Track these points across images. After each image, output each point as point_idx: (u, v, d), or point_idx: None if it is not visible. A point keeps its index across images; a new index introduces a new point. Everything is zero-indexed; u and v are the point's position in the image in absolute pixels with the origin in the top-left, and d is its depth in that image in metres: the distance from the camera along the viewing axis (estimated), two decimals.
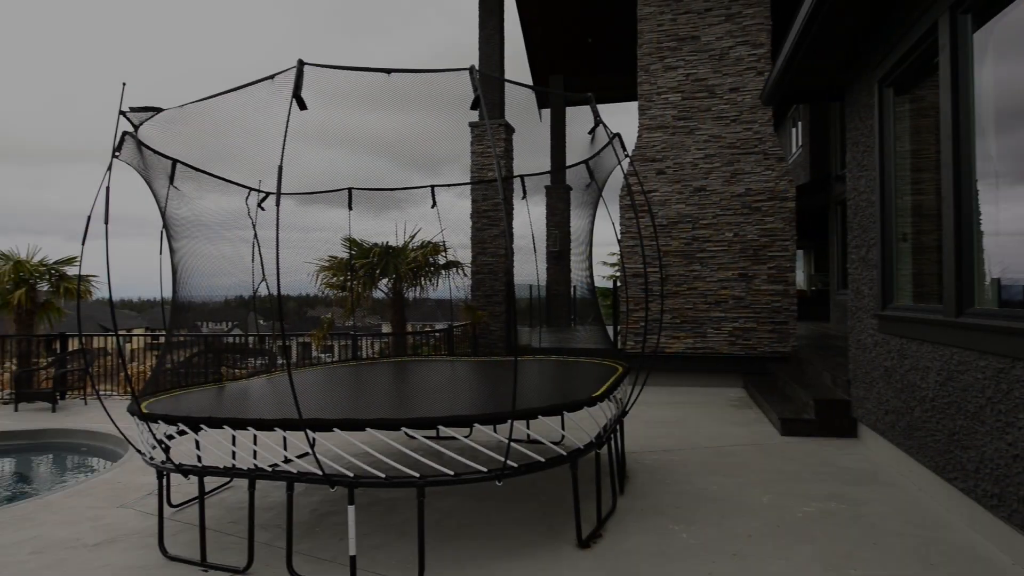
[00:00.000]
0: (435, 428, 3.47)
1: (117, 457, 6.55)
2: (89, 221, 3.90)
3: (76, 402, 9.22)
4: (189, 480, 3.86)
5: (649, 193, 9.94)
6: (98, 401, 8.93)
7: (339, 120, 4.95)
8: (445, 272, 10.31)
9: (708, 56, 9.95)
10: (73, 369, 9.57)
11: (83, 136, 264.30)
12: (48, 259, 11.21)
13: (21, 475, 7.02)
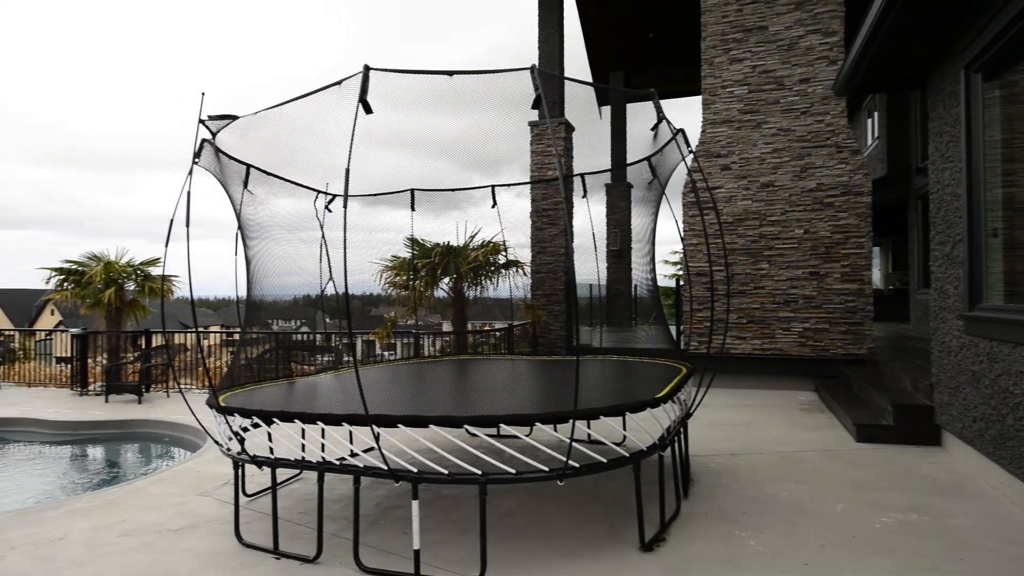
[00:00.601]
0: (497, 426, 3.49)
1: (196, 447, 6.92)
2: (172, 224, 4.13)
3: (159, 395, 9.79)
4: (262, 471, 4.04)
5: (714, 190, 9.68)
6: (179, 394, 9.47)
7: (402, 123, 5.05)
8: (505, 271, 10.36)
9: (776, 47, 9.59)
10: (156, 364, 10.17)
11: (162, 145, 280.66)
12: (134, 260, 11.95)
13: (111, 462, 7.51)
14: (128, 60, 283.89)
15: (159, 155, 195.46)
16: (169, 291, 11.61)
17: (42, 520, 4.36)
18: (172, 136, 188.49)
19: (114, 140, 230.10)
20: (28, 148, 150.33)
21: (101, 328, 11.43)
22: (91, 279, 11.31)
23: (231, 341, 14.08)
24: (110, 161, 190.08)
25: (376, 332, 10.36)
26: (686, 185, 9.73)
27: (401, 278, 10.05)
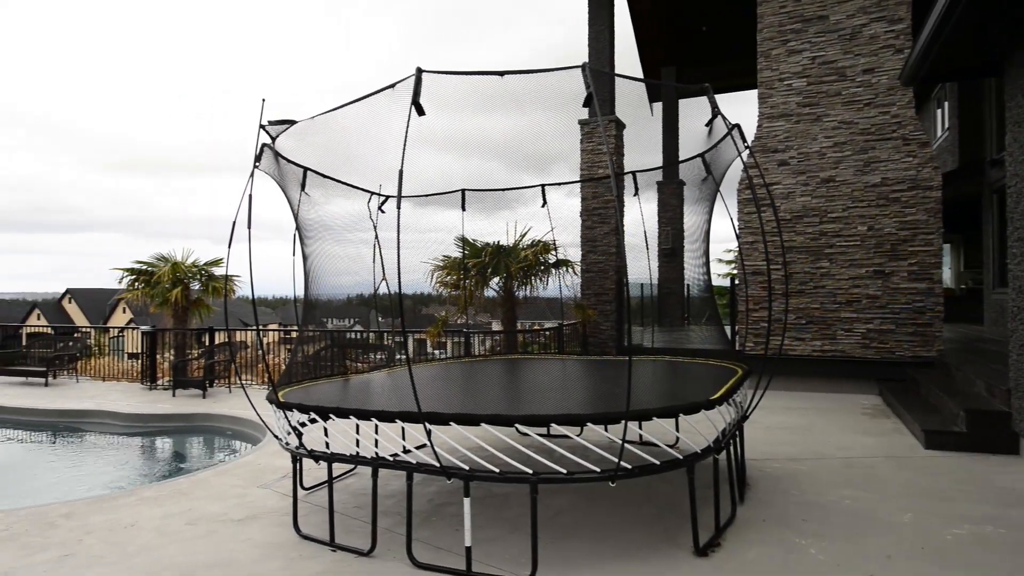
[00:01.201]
0: (547, 425, 3.48)
1: (256, 441, 7.17)
2: (234, 226, 4.29)
3: (222, 390, 10.20)
4: (319, 465, 4.15)
5: (771, 186, 9.39)
6: (241, 389, 9.84)
7: (452, 125, 5.11)
8: (555, 271, 10.33)
9: (838, 36, 9.23)
10: (219, 360, 10.59)
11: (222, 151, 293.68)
12: (199, 261, 12.48)
13: (177, 453, 7.87)
14: (187, 72, 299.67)
15: (219, 160, 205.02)
16: (231, 290, 12.07)
17: (116, 507, 4.61)
18: (231, 142, 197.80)
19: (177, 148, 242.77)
20: (100, 157, 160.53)
21: (168, 326, 11.99)
22: (159, 279, 11.88)
23: (288, 339, 14.53)
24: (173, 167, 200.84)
25: (427, 331, 10.50)
26: (742, 181, 9.48)
27: (452, 278, 10.16)
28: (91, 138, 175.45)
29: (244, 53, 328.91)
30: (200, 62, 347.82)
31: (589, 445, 3.56)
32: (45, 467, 7.21)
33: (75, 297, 52.00)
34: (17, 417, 8.83)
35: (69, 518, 4.36)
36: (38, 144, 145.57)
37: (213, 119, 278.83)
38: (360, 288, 6.93)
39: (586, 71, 3.62)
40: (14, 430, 8.57)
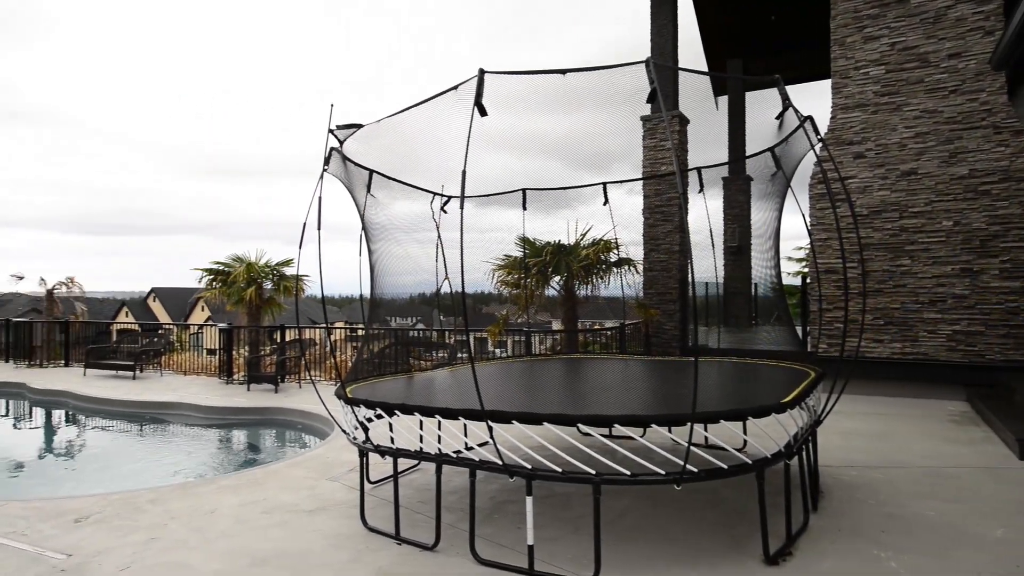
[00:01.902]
0: (610, 426, 3.44)
1: (325, 435, 7.42)
2: (304, 228, 4.45)
3: (293, 385, 10.60)
4: (384, 460, 4.25)
5: (846, 180, 8.96)
6: (311, 385, 10.20)
7: (513, 125, 5.12)
8: (616, 270, 10.20)
9: (920, 20, 8.70)
10: (290, 357, 11.02)
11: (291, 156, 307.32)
12: (271, 261, 13.04)
13: (252, 445, 8.24)
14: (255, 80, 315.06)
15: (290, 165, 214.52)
16: (301, 289, 12.54)
17: (197, 494, 4.87)
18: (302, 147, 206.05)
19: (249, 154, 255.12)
20: (181, 165, 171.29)
21: (243, 323, 12.58)
22: (235, 279, 12.48)
23: (354, 336, 14.95)
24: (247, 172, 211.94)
25: (489, 330, 10.58)
26: (814, 176, 9.08)
27: (512, 277, 10.20)
28: (171, 147, 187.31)
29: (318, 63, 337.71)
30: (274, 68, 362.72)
31: (652, 447, 3.50)
32: (134, 455, 7.70)
33: (159, 296, 55.31)
34: (109, 408, 9.47)
35: (155, 503, 4.63)
36: (122, 154, 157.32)
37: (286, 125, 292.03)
38: (422, 287, 7.06)
39: (650, 66, 3.55)
40: (107, 420, 9.19)
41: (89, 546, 3.85)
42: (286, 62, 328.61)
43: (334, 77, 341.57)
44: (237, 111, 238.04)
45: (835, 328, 9.02)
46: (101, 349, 12.51)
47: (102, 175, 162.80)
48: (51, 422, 9.61)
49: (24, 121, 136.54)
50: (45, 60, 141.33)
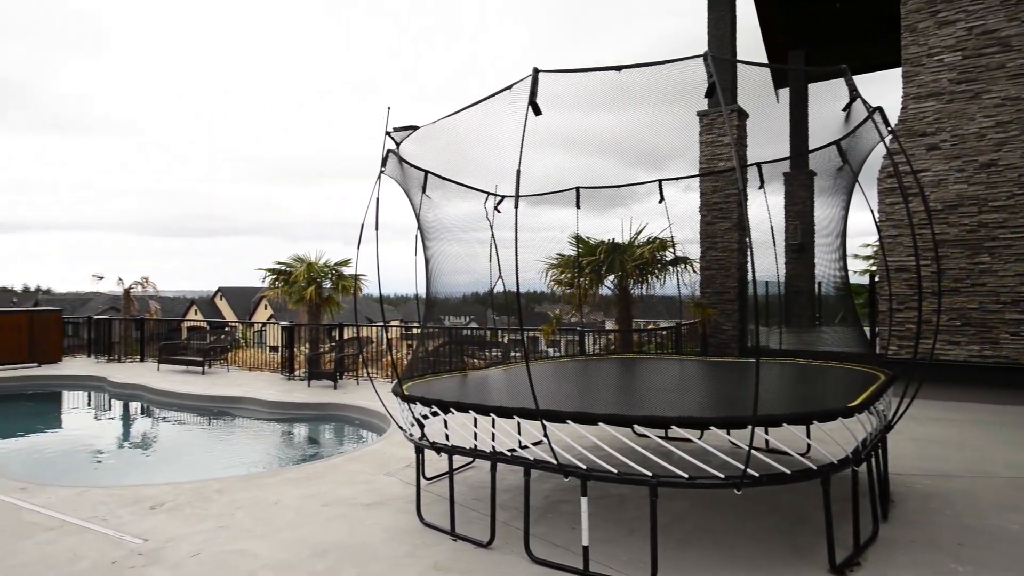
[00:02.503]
0: (667, 427, 3.38)
1: (381, 431, 7.58)
2: (363, 229, 4.56)
3: (351, 382, 10.87)
4: (440, 457, 4.31)
5: (918, 173, 8.51)
6: (368, 382, 10.44)
7: (566, 123, 5.10)
8: (672, 268, 10.01)
9: (1000, 2, 8.17)
10: (348, 354, 11.31)
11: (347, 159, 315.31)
12: (330, 261, 13.40)
13: (312, 439, 8.50)
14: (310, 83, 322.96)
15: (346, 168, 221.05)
16: (359, 289, 12.84)
17: (262, 486, 5.06)
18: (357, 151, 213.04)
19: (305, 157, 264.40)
20: (245, 170, 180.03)
21: (303, 321, 12.98)
22: (296, 278, 12.89)
23: (409, 335, 15.20)
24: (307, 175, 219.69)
25: (542, 329, 10.57)
26: (883, 169, 8.67)
27: (566, 276, 10.15)
28: (233, 152, 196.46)
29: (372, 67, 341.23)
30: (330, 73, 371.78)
31: (711, 449, 3.41)
32: (203, 446, 8.08)
33: (225, 295, 57.79)
34: (181, 401, 9.95)
35: (222, 493, 4.84)
36: (187, 161, 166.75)
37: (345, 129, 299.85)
38: (476, 286, 7.11)
39: (708, 60, 3.47)
40: (178, 412, 9.67)
41: (163, 532, 4.06)
42: (333, 62, 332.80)
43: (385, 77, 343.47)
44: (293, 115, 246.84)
45: (906, 329, 8.58)
46: (173, 345, 13.16)
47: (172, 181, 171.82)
48: (128, 414, 10.19)
49: (96, 131, 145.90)
50: (107, 71, 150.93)
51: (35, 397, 11.32)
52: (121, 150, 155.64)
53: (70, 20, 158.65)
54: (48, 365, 12.89)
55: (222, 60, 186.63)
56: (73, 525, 4.17)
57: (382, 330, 11.58)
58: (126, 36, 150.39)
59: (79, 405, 11.02)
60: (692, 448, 3.65)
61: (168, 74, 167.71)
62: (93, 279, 17.66)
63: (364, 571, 3.49)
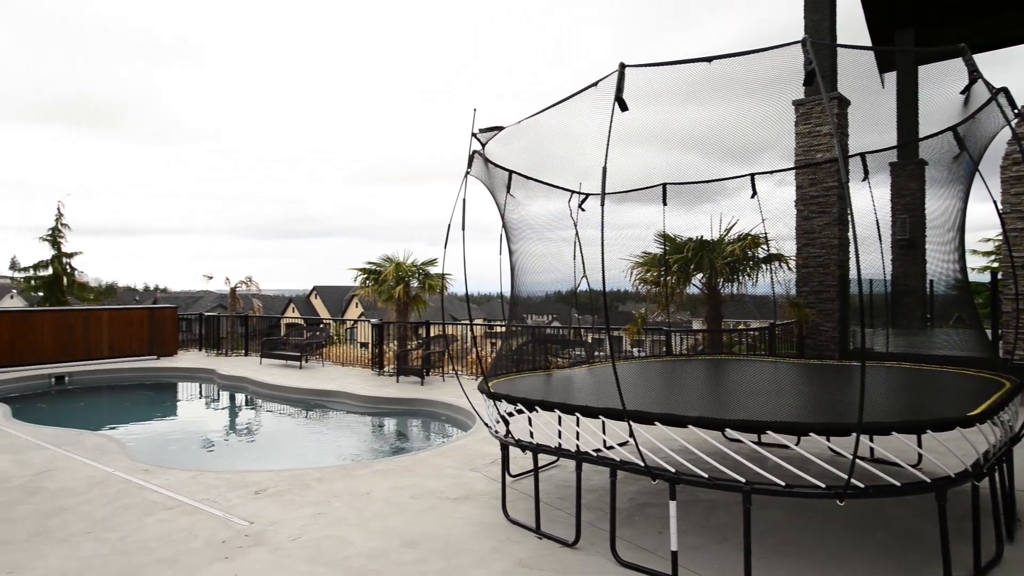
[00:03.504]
0: (762, 432, 3.24)
1: (465, 427, 7.72)
2: (449, 229, 4.65)
3: (437, 378, 11.14)
4: (524, 455, 4.34)
5: None
6: (454, 379, 10.67)
7: (653, 118, 4.99)
8: (766, 266, 9.55)
9: None
10: (434, 351, 11.60)
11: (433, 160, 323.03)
12: (417, 261, 13.80)
13: (400, 433, 8.79)
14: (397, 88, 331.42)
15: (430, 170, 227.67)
16: (444, 288, 13.16)
17: (354, 476, 5.28)
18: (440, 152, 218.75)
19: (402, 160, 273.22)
20: (339, 175, 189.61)
21: (392, 319, 13.44)
22: (385, 278, 13.37)
23: (492, 333, 15.38)
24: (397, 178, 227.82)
25: (627, 328, 10.40)
26: (1008, 156, 7.89)
27: (651, 274, 9.93)
28: (324, 158, 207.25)
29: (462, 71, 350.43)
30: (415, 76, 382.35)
31: (809, 457, 3.23)
32: (300, 436, 8.54)
33: (320, 293, 60.82)
34: (280, 394, 10.57)
35: (320, 482, 5.09)
36: (291, 168, 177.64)
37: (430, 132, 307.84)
38: (558, 285, 7.09)
39: (807, 45, 3.28)
40: (278, 404, 10.27)
41: (266, 516, 4.32)
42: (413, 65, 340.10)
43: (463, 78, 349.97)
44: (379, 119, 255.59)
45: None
46: (273, 341, 13.99)
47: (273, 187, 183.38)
48: (234, 404, 10.93)
49: (192, 140, 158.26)
50: (200, 84, 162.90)
51: (155, 387, 12.38)
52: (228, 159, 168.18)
53: (169, 39, 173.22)
54: (165, 358, 14.05)
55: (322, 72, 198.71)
56: (188, 505, 4.52)
57: (466, 328, 11.79)
58: (228, 51, 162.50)
59: (192, 395, 11.95)
60: (788, 455, 3.47)
61: (272, 87, 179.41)
62: (203, 279, 19.04)
63: (451, 563, 3.57)
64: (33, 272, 23.28)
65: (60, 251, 23.20)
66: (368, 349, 13.46)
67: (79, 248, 24.24)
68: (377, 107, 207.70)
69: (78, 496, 4.75)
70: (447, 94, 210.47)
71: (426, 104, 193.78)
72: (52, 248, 23.11)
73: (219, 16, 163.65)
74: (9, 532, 4.06)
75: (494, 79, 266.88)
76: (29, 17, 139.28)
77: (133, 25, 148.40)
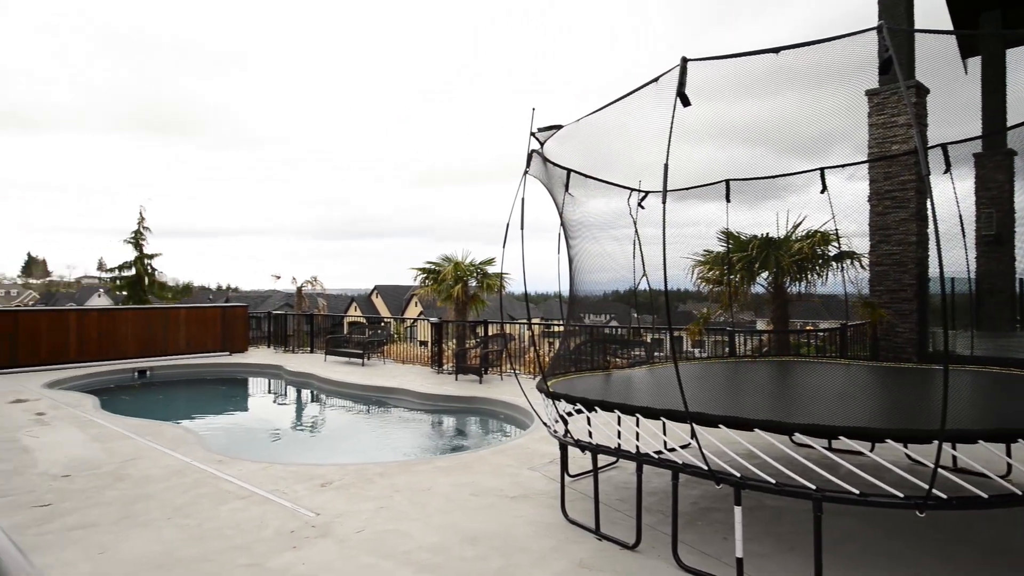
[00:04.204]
0: (833, 437, 3.10)
1: (523, 425, 7.74)
2: (508, 228, 4.67)
3: (495, 377, 11.22)
4: (583, 455, 4.30)
5: None
6: (512, 378, 10.72)
7: (714, 113, 4.87)
8: (836, 264, 9.15)
9: None
10: (492, 350, 11.68)
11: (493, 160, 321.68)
12: (475, 260, 13.95)
13: (459, 430, 8.89)
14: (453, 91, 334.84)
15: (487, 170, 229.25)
16: (503, 287, 13.24)
17: (416, 472, 5.38)
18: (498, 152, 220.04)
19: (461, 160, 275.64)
20: (399, 176, 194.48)
21: (451, 318, 13.62)
22: (444, 277, 13.57)
23: (549, 332, 15.36)
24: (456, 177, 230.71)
25: (688, 328, 10.18)
26: None
27: (714, 273, 9.67)
28: (381, 159, 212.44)
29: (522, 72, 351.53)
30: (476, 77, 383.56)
31: (886, 464, 3.07)
32: (363, 432, 8.77)
33: (381, 292, 62.30)
34: (344, 390, 10.89)
35: (382, 477, 5.22)
36: (353, 170, 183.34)
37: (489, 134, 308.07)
38: (616, 284, 7.01)
39: (884, 32, 3.12)
40: (342, 400, 10.58)
41: (332, 508, 4.46)
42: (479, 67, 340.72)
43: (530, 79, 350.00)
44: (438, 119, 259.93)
45: None
46: (337, 339, 14.42)
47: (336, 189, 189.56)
48: (300, 399, 11.34)
49: (248, 145, 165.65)
50: (248, 88, 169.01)
51: (227, 381, 12.98)
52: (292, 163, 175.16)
53: (218, 48, 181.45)
54: (237, 354, 14.71)
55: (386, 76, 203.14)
56: (259, 496, 4.72)
57: (523, 327, 11.83)
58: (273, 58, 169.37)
59: (261, 390, 12.47)
60: (862, 462, 3.32)
61: (317, 90, 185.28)
62: (271, 278, 19.84)
63: (511, 561, 3.58)
64: (118, 272, 24.88)
65: (142, 252, 24.69)
66: (427, 347, 13.69)
67: (159, 249, 25.73)
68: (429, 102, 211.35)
69: (159, 483, 5.03)
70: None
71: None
72: (135, 250, 24.63)
73: (261, 24, 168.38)
74: (99, 515, 4.35)
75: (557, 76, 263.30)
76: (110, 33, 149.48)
77: (185, 38, 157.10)
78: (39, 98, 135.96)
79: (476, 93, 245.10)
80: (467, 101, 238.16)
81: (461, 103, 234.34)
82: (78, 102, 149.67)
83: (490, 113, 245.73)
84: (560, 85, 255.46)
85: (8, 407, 8.28)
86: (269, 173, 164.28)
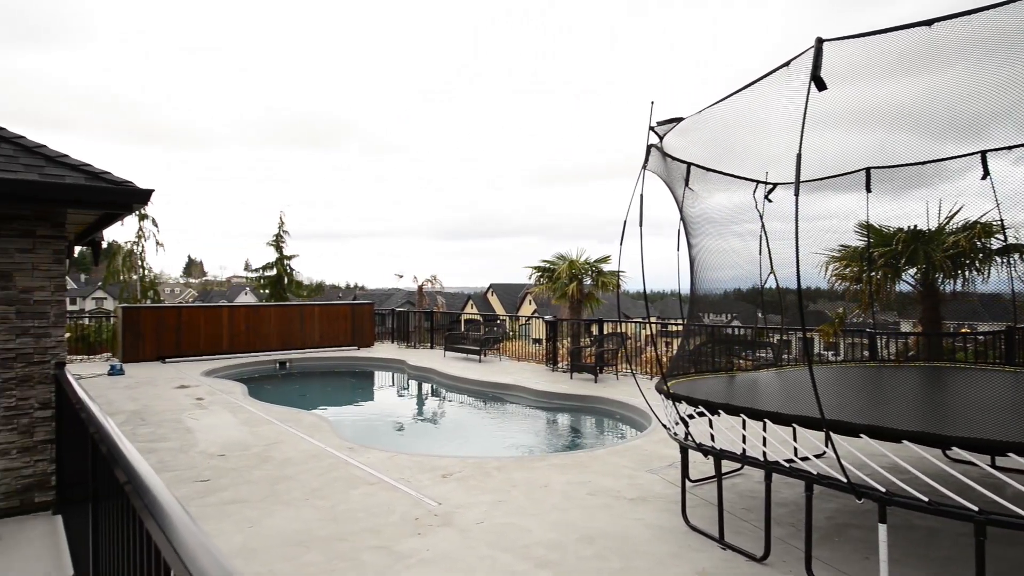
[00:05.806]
0: (1001, 454, 2.75)
1: (639, 426, 7.58)
2: (625, 225, 4.59)
3: (610, 376, 11.08)
4: (706, 460, 4.14)
5: None
6: (629, 377, 10.54)
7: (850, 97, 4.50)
8: (1001, 259, 8.11)
9: None
10: (607, 349, 11.54)
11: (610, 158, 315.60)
12: (590, 259, 13.85)
13: (574, 429, 8.88)
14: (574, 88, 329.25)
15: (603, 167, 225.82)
16: (619, 285, 13.05)
17: (532, 468, 5.44)
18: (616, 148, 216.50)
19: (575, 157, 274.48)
20: (515, 176, 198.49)
21: (565, 316, 13.63)
22: (559, 275, 13.61)
23: (666, 332, 14.93)
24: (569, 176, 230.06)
25: (821, 329, 9.48)
26: None
27: (851, 270, 8.93)
28: (520, 163, 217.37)
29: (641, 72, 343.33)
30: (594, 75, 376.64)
31: None
32: (481, 425, 9.01)
33: (496, 290, 63.66)
34: (462, 385, 11.24)
35: (500, 471, 5.33)
36: (469, 174, 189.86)
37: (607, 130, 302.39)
38: (738, 282, 6.66)
39: None
40: (460, 394, 10.94)
41: (452, 499, 4.62)
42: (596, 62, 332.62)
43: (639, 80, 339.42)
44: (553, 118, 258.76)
45: None
46: (455, 335, 14.91)
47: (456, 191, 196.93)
48: (422, 392, 11.85)
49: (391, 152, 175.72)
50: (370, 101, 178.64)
51: (356, 374, 13.85)
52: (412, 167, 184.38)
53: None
54: (364, 348, 15.65)
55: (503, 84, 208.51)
56: (386, 483, 4.99)
57: (638, 326, 11.56)
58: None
59: (386, 383, 13.18)
60: None
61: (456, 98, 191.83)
62: (395, 277, 20.90)
63: (630, 564, 3.52)
64: (261, 272, 27.31)
65: (282, 254, 26.93)
66: (541, 345, 13.79)
67: (296, 251, 27.92)
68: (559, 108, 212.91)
69: (298, 466, 5.47)
70: (628, 88, 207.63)
71: (604, 99, 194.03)
72: (276, 252, 26.91)
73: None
74: (249, 492, 4.80)
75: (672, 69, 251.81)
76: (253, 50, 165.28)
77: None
78: (194, 116, 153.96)
79: (597, 91, 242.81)
80: (584, 99, 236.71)
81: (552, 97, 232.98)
82: (235, 119, 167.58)
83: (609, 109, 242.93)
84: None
85: (175, 392, 9.37)
86: (400, 178, 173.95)
